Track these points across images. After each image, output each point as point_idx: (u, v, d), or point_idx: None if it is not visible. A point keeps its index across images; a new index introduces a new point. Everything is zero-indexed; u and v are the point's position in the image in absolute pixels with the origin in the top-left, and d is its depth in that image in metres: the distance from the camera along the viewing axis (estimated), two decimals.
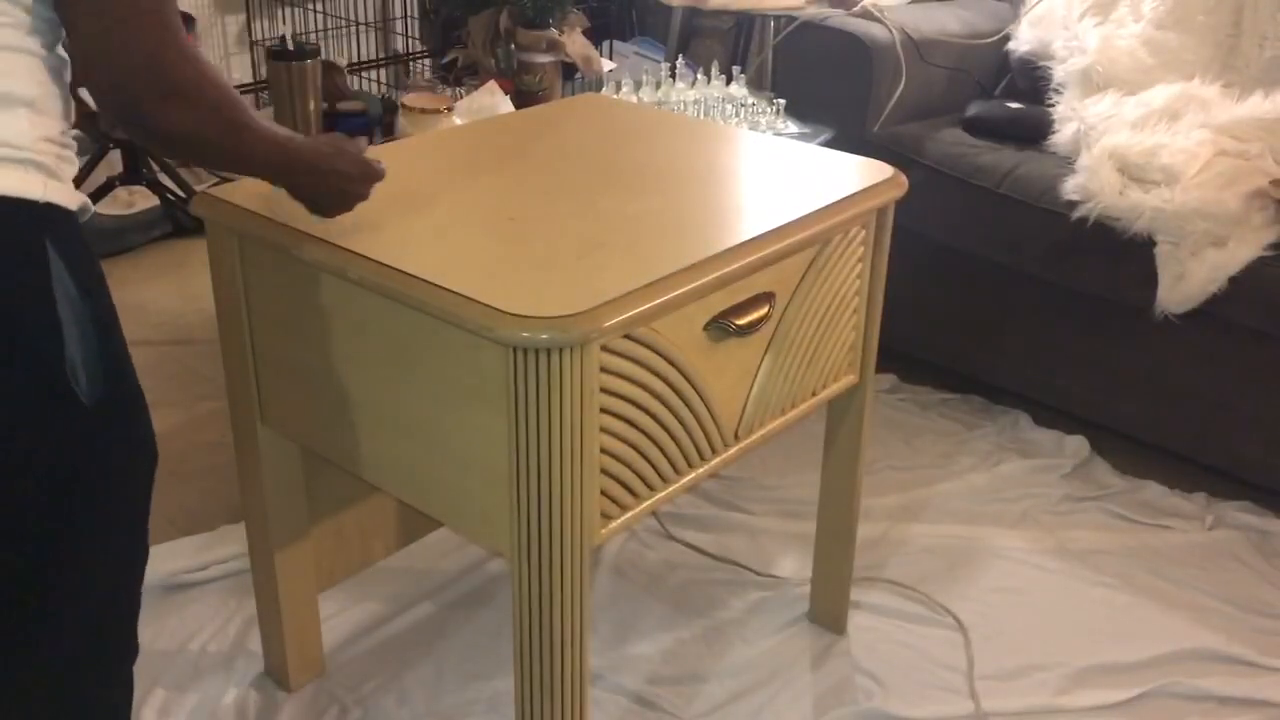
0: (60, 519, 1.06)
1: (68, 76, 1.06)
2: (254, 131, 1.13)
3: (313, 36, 3.56)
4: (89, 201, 1.08)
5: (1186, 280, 2.10)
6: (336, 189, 1.29)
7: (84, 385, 1.02)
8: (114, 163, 2.91)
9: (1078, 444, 2.36)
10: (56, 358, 1.01)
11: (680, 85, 2.41)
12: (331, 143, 1.30)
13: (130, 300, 2.84)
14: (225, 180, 1.39)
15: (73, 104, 1.07)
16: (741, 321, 1.34)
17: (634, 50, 3.30)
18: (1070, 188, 2.24)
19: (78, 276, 1.02)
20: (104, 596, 1.14)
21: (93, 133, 2.73)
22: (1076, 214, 2.21)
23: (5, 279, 0.97)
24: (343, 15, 3.64)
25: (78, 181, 1.07)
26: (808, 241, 1.41)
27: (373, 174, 1.32)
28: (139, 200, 3.08)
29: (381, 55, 3.80)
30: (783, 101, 2.41)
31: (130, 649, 1.21)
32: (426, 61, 3.77)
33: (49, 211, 1.00)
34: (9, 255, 0.97)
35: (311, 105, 2.19)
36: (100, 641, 1.16)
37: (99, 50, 0.99)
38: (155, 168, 2.98)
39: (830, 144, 2.28)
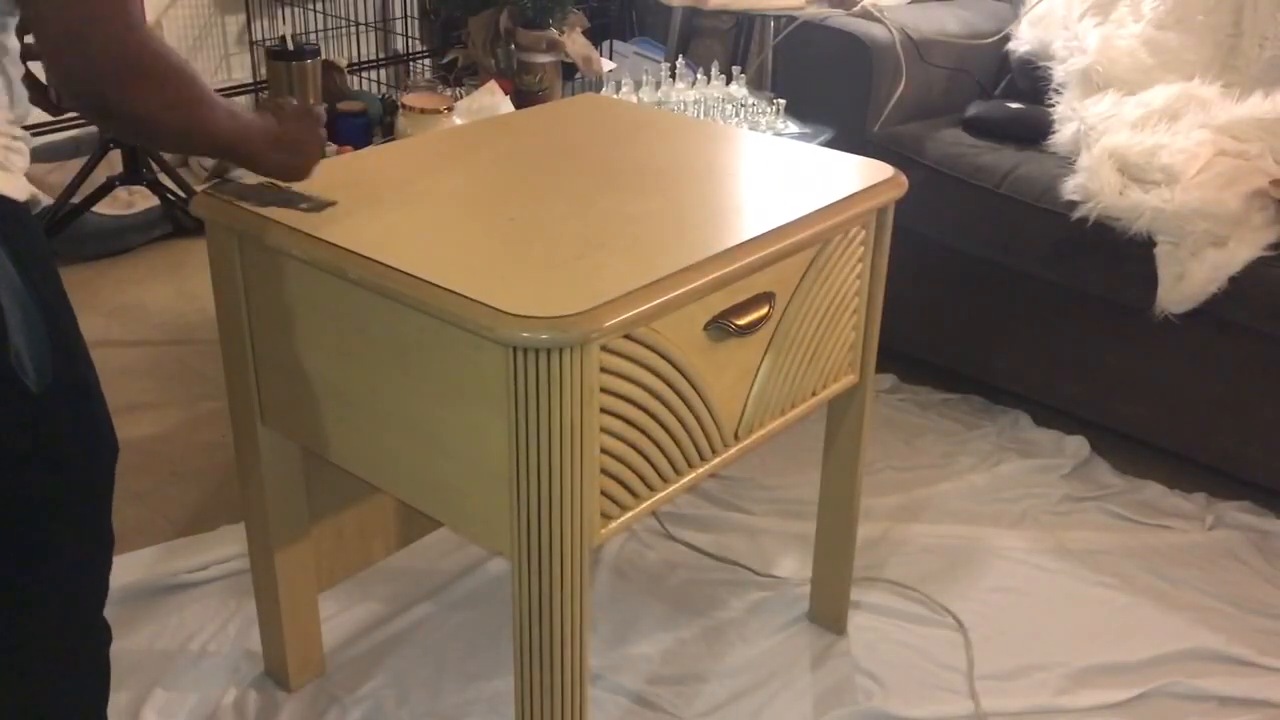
0: (15, 504, 1.06)
1: (14, 65, 1.05)
2: (213, 109, 1.13)
3: (313, 36, 3.56)
4: (39, 193, 1.08)
5: (1186, 280, 2.10)
6: (301, 156, 1.31)
7: (31, 373, 1.02)
8: (114, 163, 2.90)
9: (1078, 444, 2.36)
10: None
11: (680, 85, 2.41)
12: (275, 109, 1.30)
13: (130, 300, 2.84)
14: (224, 180, 1.39)
15: (25, 93, 1.06)
16: (741, 321, 1.34)
17: (634, 50, 3.31)
18: (1070, 188, 2.24)
19: (23, 266, 1.01)
20: (68, 586, 1.14)
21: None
22: (1076, 214, 2.21)
23: None
24: (343, 15, 3.64)
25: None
26: (808, 241, 1.41)
27: (315, 119, 1.33)
28: (139, 200, 3.08)
29: (381, 55, 3.80)
30: (783, 101, 2.41)
31: (101, 635, 1.22)
32: (426, 61, 3.77)
33: None
34: None
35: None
36: (67, 627, 1.17)
37: (62, 35, 0.99)
38: (155, 168, 2.98)
39: (830, 144, 2.28)
